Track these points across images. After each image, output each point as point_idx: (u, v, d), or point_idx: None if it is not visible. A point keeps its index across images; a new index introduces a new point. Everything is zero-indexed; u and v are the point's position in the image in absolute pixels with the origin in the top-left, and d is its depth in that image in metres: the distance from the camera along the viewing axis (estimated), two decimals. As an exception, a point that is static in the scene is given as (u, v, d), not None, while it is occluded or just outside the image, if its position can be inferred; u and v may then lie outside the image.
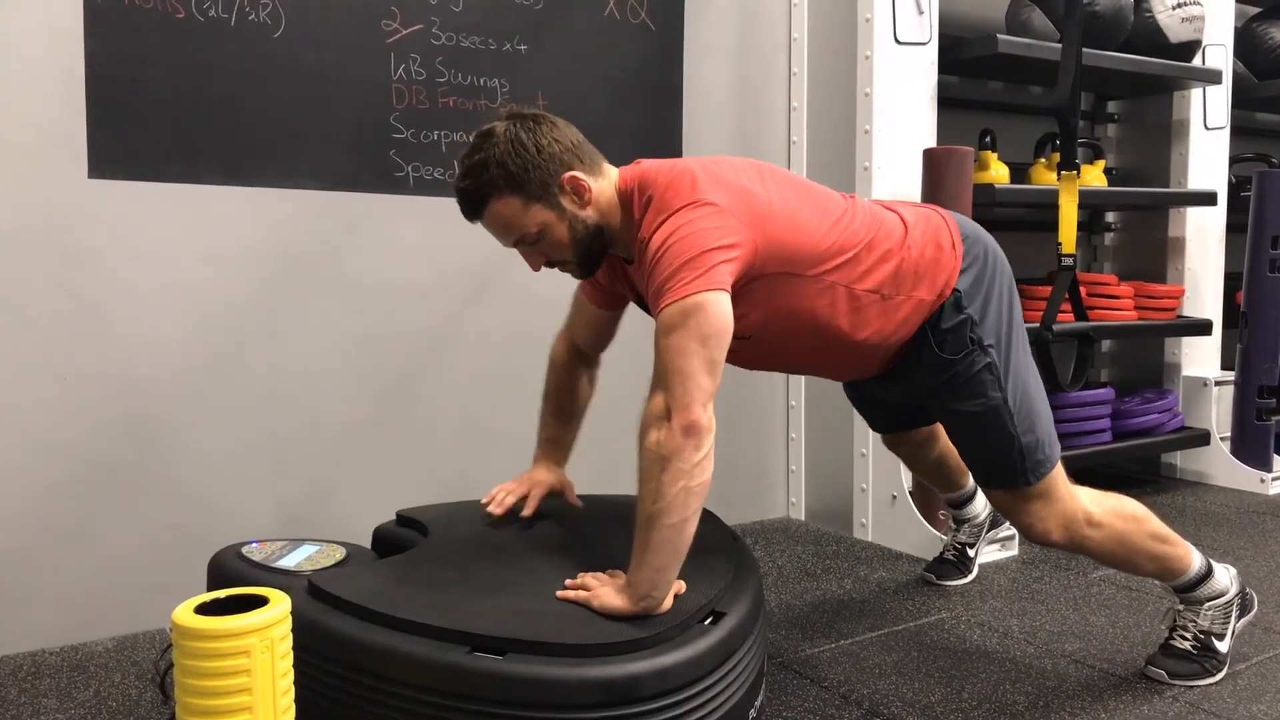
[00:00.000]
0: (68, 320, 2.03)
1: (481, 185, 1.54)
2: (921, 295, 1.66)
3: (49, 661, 1.97)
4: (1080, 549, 1.78)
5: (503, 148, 1.52)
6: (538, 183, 1.52)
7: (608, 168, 1.62)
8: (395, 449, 2.42)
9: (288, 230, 2.26)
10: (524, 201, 1.53)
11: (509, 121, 1.56)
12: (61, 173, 2.01)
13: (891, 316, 1.66)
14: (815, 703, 1.78)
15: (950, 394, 1.71)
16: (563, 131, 1.57)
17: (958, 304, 1.67)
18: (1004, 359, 1.69)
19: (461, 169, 1.56)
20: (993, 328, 1.69)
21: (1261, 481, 3.37)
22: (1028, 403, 1.71)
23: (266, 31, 2.20)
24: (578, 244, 1.58)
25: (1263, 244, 3.34)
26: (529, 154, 1.52)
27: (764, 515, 3.03)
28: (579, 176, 1.55)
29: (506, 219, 1.55)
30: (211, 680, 1.11)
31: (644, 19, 2.70)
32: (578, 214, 1.56)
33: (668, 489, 1.35)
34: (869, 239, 1.63)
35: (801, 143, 2.94)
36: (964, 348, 1.67)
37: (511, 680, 1.26)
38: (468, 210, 1.58)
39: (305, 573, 1.55)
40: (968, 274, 1.69)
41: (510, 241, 1.59)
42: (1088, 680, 1.88)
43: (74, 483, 2.05)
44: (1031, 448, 1.71)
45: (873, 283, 1.63)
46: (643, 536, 1.38)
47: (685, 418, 1.36)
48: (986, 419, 1.70)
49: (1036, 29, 3.04)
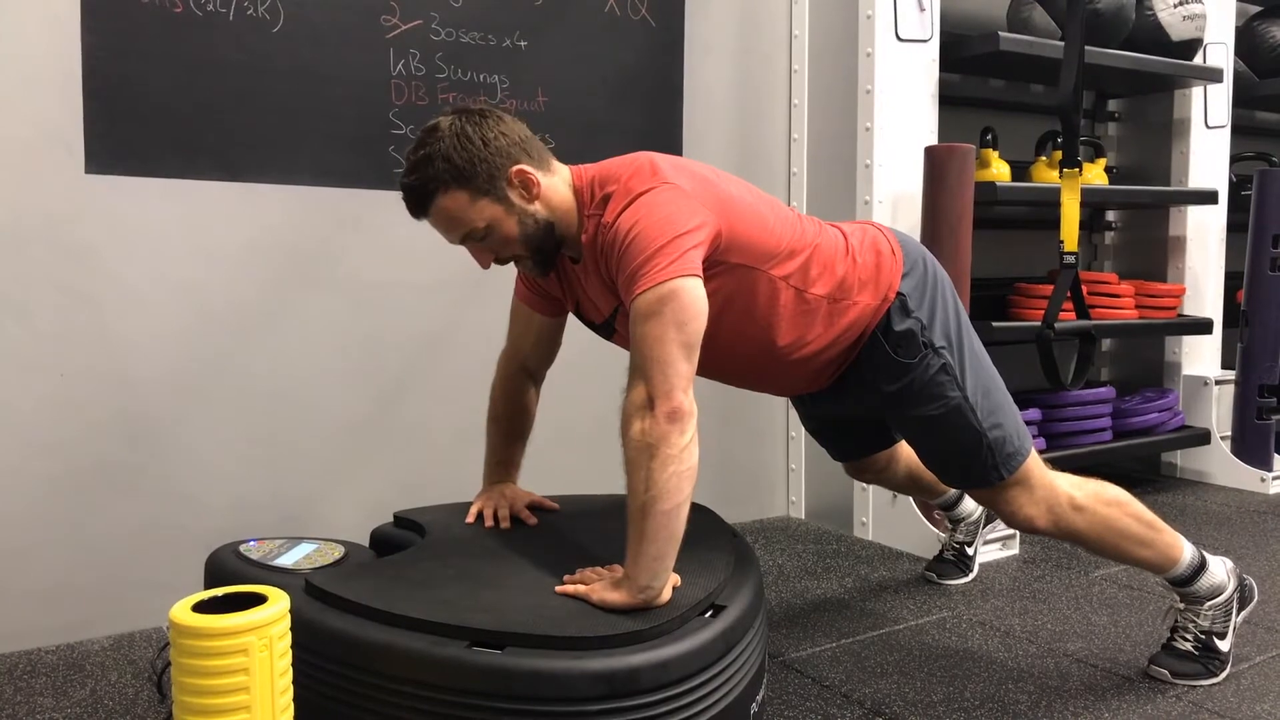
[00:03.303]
0: (64, 317, 2.02)
1: (427, 180, 1.51)
2: (867, 300, 1.67)
3: (45, 660, 1.95)
4: (1067, 534, 1.77)
5: (448, 142, 1.50)
6: (484, 176, 1.50)
7: (558, 165, 1.60)
8: (393, 448, 2.40)
9: (286, 226, 2.25)
10: (470, 196, 1.51)
11: (454, 116, 1.54)
12: (58, 168, 2.00)
13: (838, 321, 1.66)
14: (817, 702, 1.77)
15: (910, 400, 1.71)
16: (510, 126, 1.55)
17: (904, 307, 1.68)
18: (958, 358, 1.70)
19: (407, 164, 1.54)
20: (942, 329, 1.69)
21: (1262, 481, 3.36)
22: (989, 398, 1.72)
23: (265, 26, 2.19)
24: (528, 239, 1.56)
25: (1263, 243, 3.33)
26: (475, 147, 1.50)
27: (764, 514, 3.02)
28: (526, 170, 1.53)
29: (453, 214, 1.53)
30: (209, 679, 1.10)
31: (644, 15, 2.69)
32: (526, 208, 1.54)
33: (658, 475, 1.34)
34: (815, 244, 1.64)
35: (802, 140, 2.93)
36: (918, 351, 1.67)
37: (511, 674, 1.25)
38: (413, 206, 1.55)
39: (303, 571, 1.54)
40: (909, 278, 1.70)
41: (457, 238, 1.57)
42: (1090, 680, 1.87)
43: (71, 480, 2.04)
44: (1000, 441, 1.70)
45: (821, 288, 1.63)
46: (637, 527, 1.37)
47: (668, 404, 1.35)
48: (949, 419, 1.70)
49: (1038, 27, 3.03)
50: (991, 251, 3.31)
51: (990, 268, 3.28)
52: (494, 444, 1.87)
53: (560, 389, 1.97)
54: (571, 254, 1.64)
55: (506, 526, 1.75)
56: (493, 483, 1.86)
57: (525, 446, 1.90)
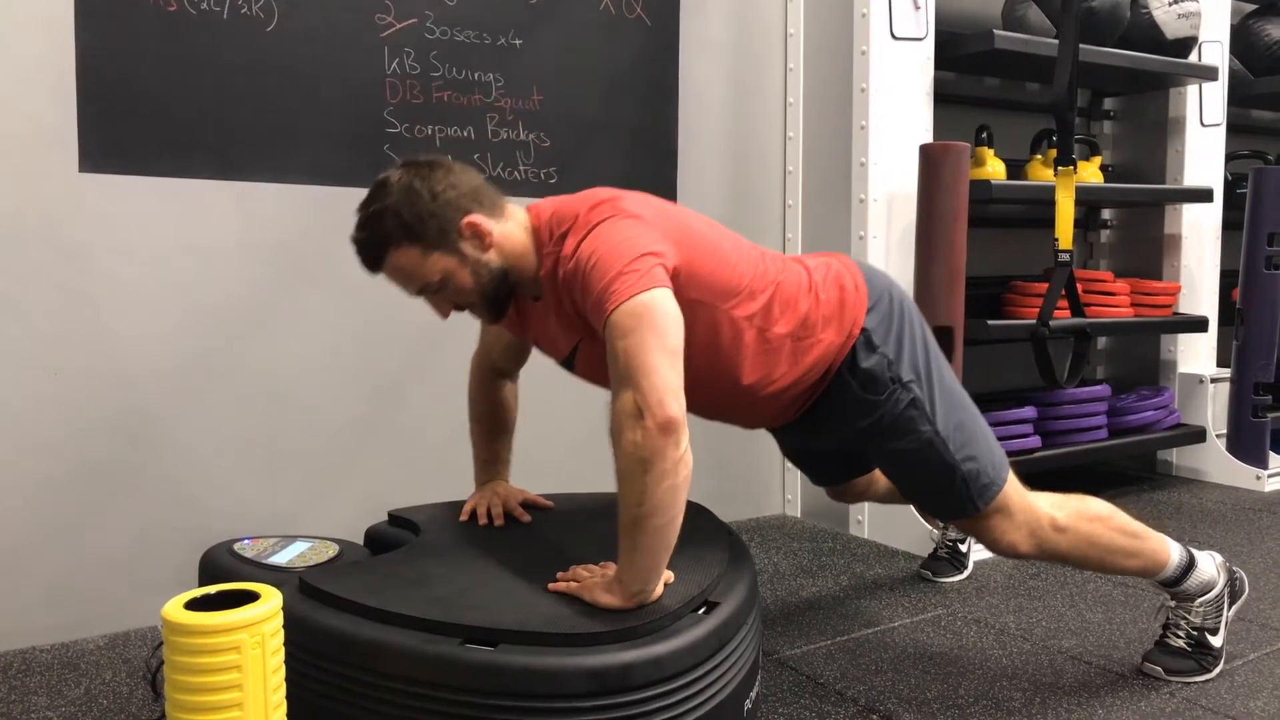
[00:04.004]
0: (58, 315, 2.02)
1: (378, 236, 1.51)
2: (830, 338, 1.64)
3: (40, 659, 1.95)
4: (1052, 556, 1.76)
5: (397, 197, 1.50)
6: (435, 230, 1.50)
7: (512, 209, 1.59)
8: (389, 447, 2.40)
9: (281, 225, 2.25)
10: (423, 250, 1.51)
11: (403, 170, 1.53)
12: (52, 167, 2.00)
13: (801, 360, 1.63)
14: (811, 699, 1.77)
15: (881, 435, 1.69)
16: (459, 177, 1.54)
17: (869, 343, 1.65)
18: (927, 392, 1.67)
19: (358, 221, 1.54)
20: (910, 364, 1.67)
21: (1257, 478, 3.36)
22: (961, 431, 1.69)
23: (259, 25, 2.19)
24: (482, 289, 1.55)
25: (1259, 241, 3.34)
26: (424, 201, 1.49)
27: (760, 512, 3.03)
28: (478, 221, 1.52)
29: (407, 269, 1.53)
30: (201, 676, 1.10)
31: (639, 14, 2.69)
32: (480, 258, 1.53)
33: (653, 490, 1.32)
34: (778, 282, 1.62)
35: (798, 138, 2.94)
36: (886, 387, 1.65)
37: (504, 671, 1.25)
38: (367, 262, 1.55)
39: (297, 569, 1.54)
40: (874, 313, 1.67)
41: (414, 291, 1.57)
42: (1084, 677, 1.87)
43: (65, 479, 2.04)
44: (974, 474, 1.68)
45: (784, 327, 1.61)
46: (630, 538, 1.35)
47: (660, 415, 1.31)
48: (922, 454, 1.68)
49: (1033, 25, 3.04)
50: (987, 250, 3.32)
51: (986, 266, 3.28)
52: (479, 443, 1.88)
53: (552, 388, 1.97)
54: (531, 293, 1.62)
55: (500, 524, 1.76)
56: (484, 482, 1.86)
57: (511, 442, 1.90)
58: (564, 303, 1.54)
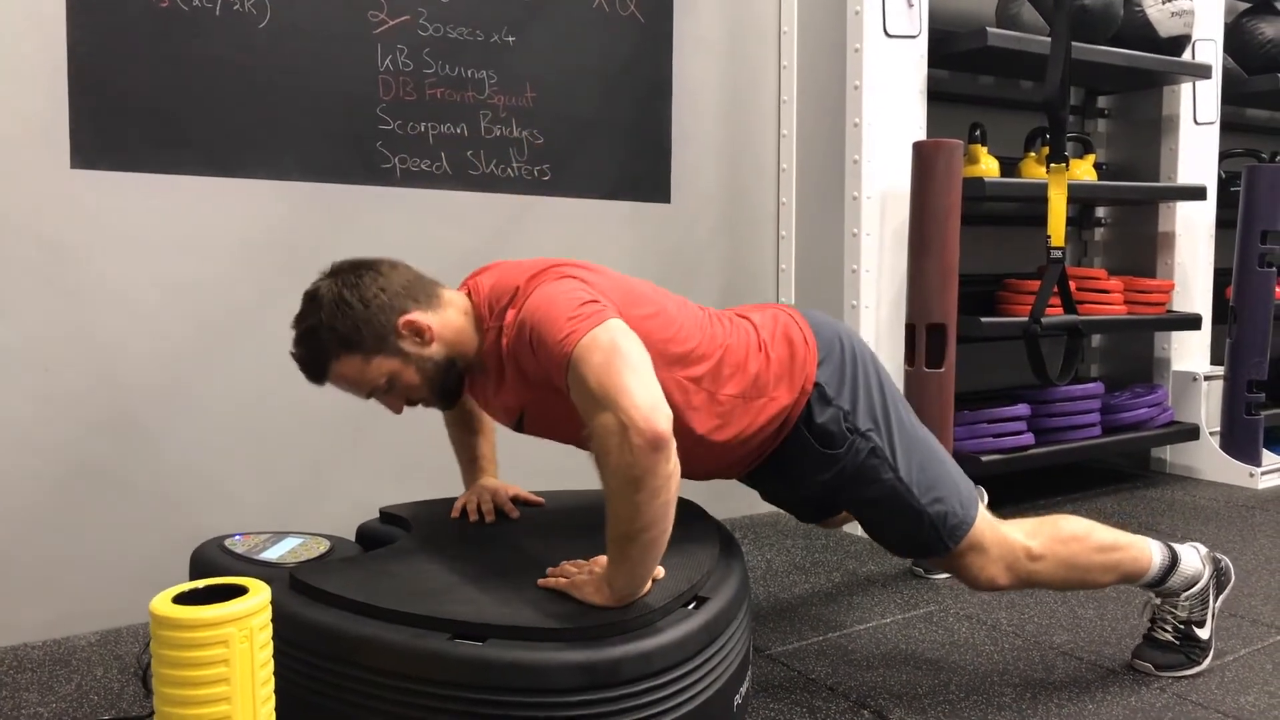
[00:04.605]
0: (49, 312, 2.02)
1: (316, 352, 1.52)
2: (782, 398, 1.63)
3: (31, 655, 1.95)
4: (1032, 584, 1.74)
5: (328, 310, 1.50)
6: (372, 337, 1.50)
7: (449, 295, 1.59)
8: (381, 444, 2.40)
9: (273, 222, 2.24)
10: (364, 358, 1.51)
11: (330, 279, 1.54)
12: (44, 163, 1.99)
13: (754, 418, 1.62)
14: (802, 694, 1.77)
15: (844, 486, 1.68)
16: (389, 278, 1.54)
17: (823, 396, 1.64)
18: (887, 439, 1.66)
19: (294, 338, 1.55)
20: (866, 412, 1.66)
21: (1250, 476, 3.37)
22: (925, 473, 1.67)
23: (252, 21, 2.18)
24: (430, 382, 1.56)
25: (1252, 239, 3.34)
26: (356, 311, 1.50)
27: (754, 510, 3.02)
28: (415, 319, 1.52)
29: (352, 378, 1.54)
30: (189, 670, 1.10)
31: (633, 11, 2.69)
32: (423, 354, 1.53)
33: (645, 507, 1.29)
34: (726, 345, 1.61)
35: (791, 136, 2.94)
36: (844, 439, 1.64)
37: (493, 666, 1.25)
38: (310, 376, 1.56)
39: (288, 565, 1.54)
40: (826, 366, 1.66)
41: (364, 395, 1.57)
42: (1075, 672, 1.87)
43: (57, 476, 2.04)
44: (941, 517, 1.66)
45: (734, 388, 1.60)
46: (620, 548, 1.33)
47: (649, 432, 1.26)
48: (887, 501, 1.67)
49: (1026, 23, 3.04)
50: (981, 247, 3.32)
51: (980, 264, 3.28)
52: (457, 446, 1.89)
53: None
54: (478, 371, 1.62)
55: (491, 520, 1.76)
56: (471, 481, 1.86)
57: (492, 439, 1.90)
58: (507, 372, 1.53)
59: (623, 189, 2.72)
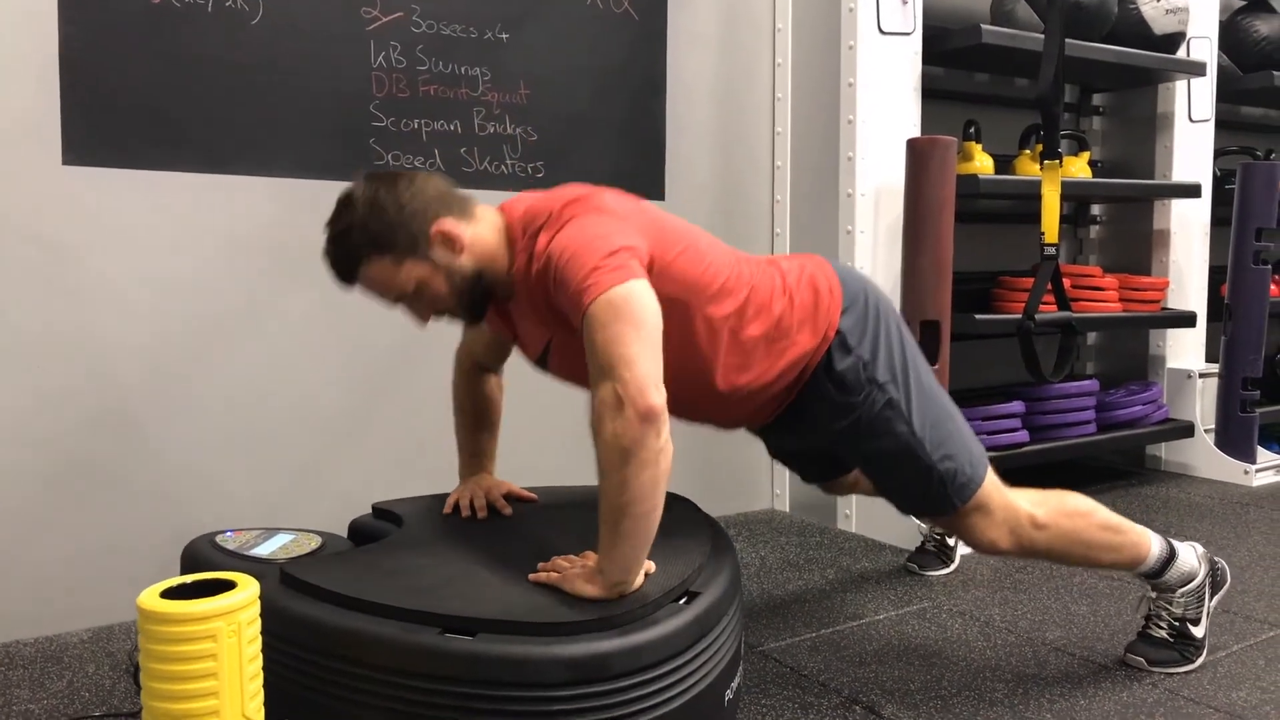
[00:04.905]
0: (41, 309, 2.01)
1: (348, 252, 1.52)
2: (804, 342, 1.64)
3: (23, 652, 1.95)
4: (1032, 553, 1.76)
5: (363, 211, 1.50)
6: (405, 240, 1.51)
7: (482, 211, 1.59)
8: (375, 441, 2.40)
9: (266, 219, 2.24)
10: (394, 260, 1.52)
11: (366, 183, 1.54)
12: (35, 160, 1.99)
13: (776, 362, 1.64)
14: (794, 690, 1.77)
15: (858, 436, 1.69)
16: (424, 184, 1.54)
17: (844, 344, 1.66)
18: (904, 392, 1.67)
19: (327, 238, 1.55)
20: (886, 364, 1.67)
21: (1245, 473, 3.37)
22: (937, 430, 1.69)
23: (244, 18, 2.18)
24: (458, 294, 1.56)
25: (1246, 236, 3.34)
26: (390, 213, 1.50)
27: (749, 507, 3.03)
28: (448, 227, 1.52)
29: (381, 281, 1.54)
30: (176, 665, 1.09)
31: (627, 8, 2.69)
32: (453, 264, 1.54)
33: (634, 479, 1.32)
34: (752, 285, 1.62)
35: (786, 133, 2.94)
36: (861, 389, 1.66)
37: (482, 660, 1.25)
38: (340, 278, 1.56)
39: (279, 561, 1.54)
40: (849, 315, 1.67)
41: (390, 301, 1.57)
42: (1068, 668, 1.87)
43: (49, 474, 2.03)
44: (951, 473, 1.68)
45: (757, 329, 1.61)
46: (610, 528, 1.35)
47: (641, 405, 1.31)
48: (898, 454, 1.68)
49: (1021, 20, 3.04)
50: (975, 245, 3.32)
51: (975, 261, 3.29)
52: (463, 436, 1.88)
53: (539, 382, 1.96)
54: (506, 293, 1.62)
55: (483, 516, 1.76)
56: (468, 475, 1.86)
57: (496, 436, 1.90)
58: (537, 299, 1.54)
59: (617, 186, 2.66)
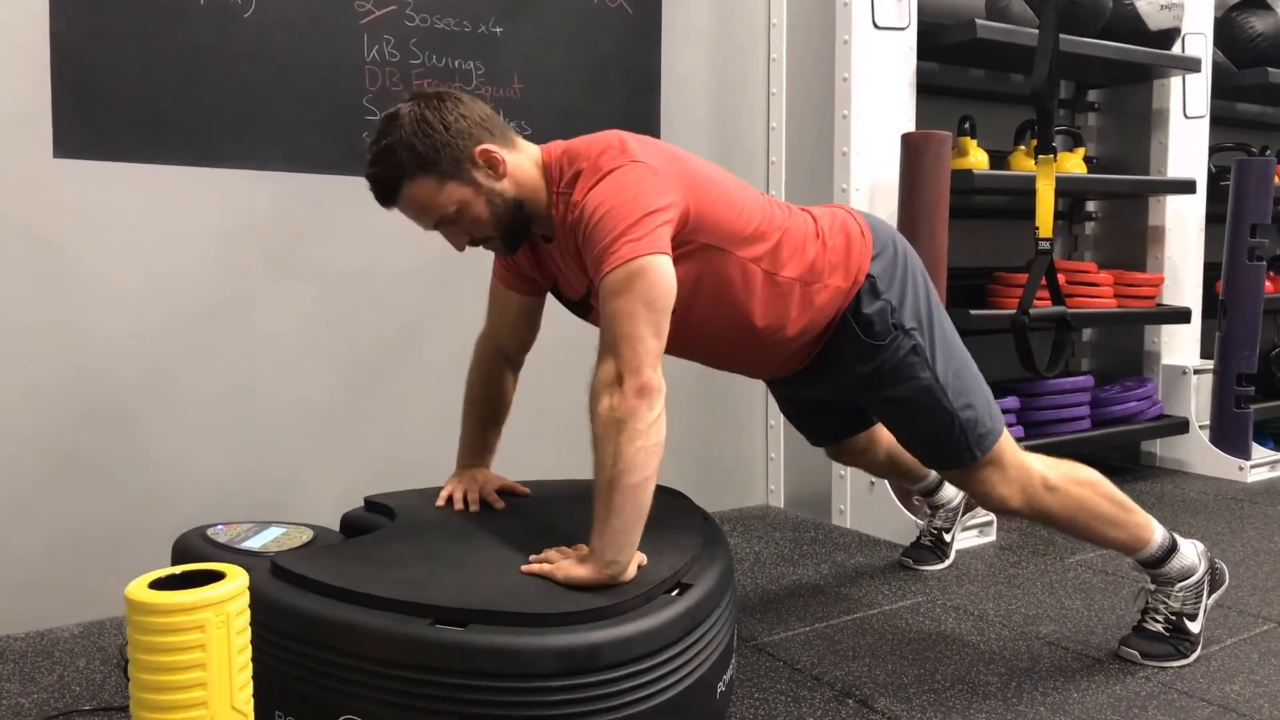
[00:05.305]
0: (31, 303, 2.00)
1: (392, 169, 1.51)
2: (837, 283, 1.67)
3: (13, 646, 1.94)
4: (1039, 514, 1.79)
5: (409, 129, 1.50)
6: (449, 160, 1.51)
7: (523, 143, 1.61)
8: (367, 435, 2.40)
9: (258, 212, 2.23)
10: (438, 180, 1.51)
11: (413, 102, 1.53)
12: (27, 153, 1.98)
13: (809, 305, 1.66)
14: (787, 684, 1.77)
15: (881, 381, 1.72)
16: (469, 107, 1.55)
17: (874, 289, 1.68)
18: (928, 340, 1.70)
19: (371, 155, 1.54)
20: (912, 311, 1.70)
21: (1240, 469, 3.37)
22: (960, 379, 1.73)
23: (237, 11, 2.17)
24: (498, 219, 1.56)
25: (1241, 232, 3.34)
26: (436, 132, 1.50)
27: (743, 503, 3.02)
28: (491, 149, 1.53)
29: (422, 201, 1.53)
30: (164, 655, 1.09)
31: (621, 3, 2.68)
32: (494, 187, 1.54)
33: (625, 450, 1.35)
34: (785, 228, 1.64)
35: (780, 129, 2.93)
36: (888, 333, 1.68)
37: (474, 651, 1.24)
38: (381, 196, 1.56)
39: (270, 554, 1.53)
40: (879, 261, 1.70)
41: (430, 223, 1.57)
42: (1061, 662, 1.87)
43: (40, 468, 2.03)
44: (972, 422, 1.72)
45: (792, 271, 1.64)
46: (604, 500, 1.38)
47: (636, 380, 1.36)
48: (921, 401, 1.71)
49: (1016, 16, 3.04)
50: (971, 240, 3.32)
51: (970, 257, 3.28)
52: (469, 428, 1.87)
53: (538, 377, 1.96)
54: (544, 233, 1.64)
55: (476, 509, 1.75)
56: (465, 466, 1.86)
57: (500, 432, 1.89)
58: (574, 246, 1.55)
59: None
